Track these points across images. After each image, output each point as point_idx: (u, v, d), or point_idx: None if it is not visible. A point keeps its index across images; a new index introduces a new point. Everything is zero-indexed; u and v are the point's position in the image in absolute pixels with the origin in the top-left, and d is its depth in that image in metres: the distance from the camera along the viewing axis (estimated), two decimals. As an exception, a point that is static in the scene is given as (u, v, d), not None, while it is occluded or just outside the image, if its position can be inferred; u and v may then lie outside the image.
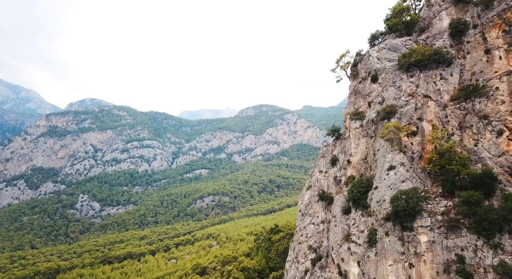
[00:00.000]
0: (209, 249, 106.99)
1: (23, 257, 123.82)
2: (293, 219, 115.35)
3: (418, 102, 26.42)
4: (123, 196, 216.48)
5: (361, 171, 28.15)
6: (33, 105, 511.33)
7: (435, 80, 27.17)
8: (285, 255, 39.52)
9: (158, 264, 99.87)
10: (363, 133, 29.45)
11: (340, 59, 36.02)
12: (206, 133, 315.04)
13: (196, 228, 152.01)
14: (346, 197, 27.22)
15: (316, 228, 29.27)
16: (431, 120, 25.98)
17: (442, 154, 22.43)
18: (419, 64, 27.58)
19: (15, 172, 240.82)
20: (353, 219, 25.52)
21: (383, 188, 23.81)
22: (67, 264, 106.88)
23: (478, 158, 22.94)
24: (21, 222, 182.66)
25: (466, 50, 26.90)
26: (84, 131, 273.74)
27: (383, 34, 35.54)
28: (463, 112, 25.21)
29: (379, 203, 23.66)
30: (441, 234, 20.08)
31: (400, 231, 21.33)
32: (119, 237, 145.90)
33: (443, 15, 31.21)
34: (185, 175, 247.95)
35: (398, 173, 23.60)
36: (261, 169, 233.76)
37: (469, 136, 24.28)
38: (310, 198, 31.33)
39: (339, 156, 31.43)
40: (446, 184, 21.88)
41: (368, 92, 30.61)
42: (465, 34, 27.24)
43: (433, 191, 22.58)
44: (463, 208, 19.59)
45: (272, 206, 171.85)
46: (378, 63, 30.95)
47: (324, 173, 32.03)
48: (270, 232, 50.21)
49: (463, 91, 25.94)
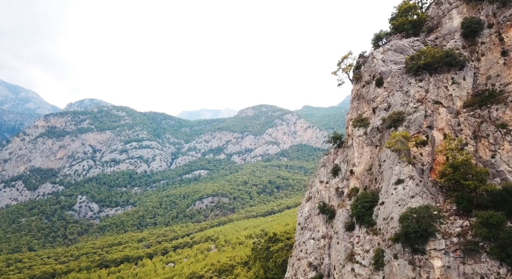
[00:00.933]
0: (207, 253, 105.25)
1: (20, 260, 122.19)
2: (292, 222, 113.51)
3: (428, 109, 24.26)
4: (122, 197, 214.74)
5: (365, 183, 26.02)
6: (33, 106, 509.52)
7: (446, 85, 24.99)
8: (283, 267, 37.55)
9: (155, 268, 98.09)
10: (367, 142, 27.31)
11: (341, 61, 33.79)
12: (206, 133, 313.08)
13: (195, 230, 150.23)
14: (349, 212, 25.13)
15: (316, 243, 27.23)
16: (443, 129, 23.82)
17: (456, 167, 20.28)
18: (429, 67, 25.40)
19: (13, 173, 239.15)
20: (357, 236, 23.44)
21: (391, 204, 21.69)
22: (63, 267, 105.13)
23: (496, 172, 20.78)
24: (19, 223, 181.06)
25: (481, 52, 24.71)
26: (83, 132, 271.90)
27: (388, 35, 33.30)
28: (478, 120, 23.04)
29: (386, 220, 21.55)
30: (457, 258, 17.97)
31: (410, 254, 19.24)
32: (117, 239, 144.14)
33: (453, 13, 28.99)
34: (184, 176, 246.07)
35: (407, 187, 21.47)
36: (260, 170, 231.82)
37: (485, 147, 22.11)
38: (310, 211, 29.28)
39: (341, 165, 29.32)
40: (461, 201, 19.74)
41: (372, 97, 28.45)
42: (479, 34, 25.04)
43: (447, 208, 20.45)
44: (483, 230, 17.47)
45: (272, 207, 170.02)
46: (383, 66, 28.78)
47: (325, 184, 29.94)
48: (268, 240, 48.34)
49: (478, 97, 23.76)
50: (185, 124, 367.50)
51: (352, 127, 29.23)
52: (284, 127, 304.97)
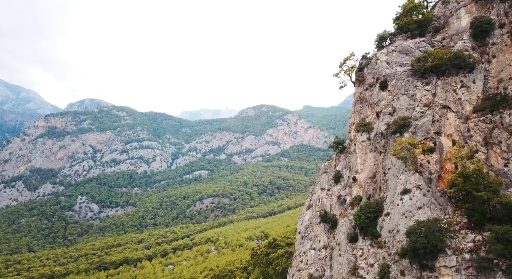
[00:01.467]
0: (207, 255, 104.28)
1: (19, 262, 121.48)
2: (293, 223, 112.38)
3: (436, 114, 22.97)
4: (122, 197, 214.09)
5: (368, 192, 24.77)
6: (33, 106, 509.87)
7: (455, 88, 23.69)
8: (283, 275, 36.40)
9: (154, 271, 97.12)
10: (371, 148, 26.04)
11: (343, 62, 32.45)
12: (206, 133, 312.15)
13: (195, 231, 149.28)
14: (352, 223, 23.89)
15: (317, 254, 26.02)
16: (451, 135, 22.53)
17: (467, 177, 19.00)
18: (436, 69, 24.09)
19: (13, 173, 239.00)
20: (361, 249, 22.21)
21: (396, 216, 20.44)
22: (62, 270, 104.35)
23: (510, 182, 19.50)
24: (18, 224, 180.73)
25: (491, 53, 23.39)
26: (83, 132, 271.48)
27: (392, 35, 31.95)
28: (489, 125, 21.73)
29: (392, 233, 20.31)
30: (470, 276, 16.74)
31: (418, 271, 18.00)
32: (116, 240, 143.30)
33: (461, 13, 27.64)
34: (184, 176, 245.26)
35: (413, 198, 20.21)
36: (261, 170, 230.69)
37: (497, 155, 20.82)
38: (311, 219, 28.06)
39: (343, 172, 28.06)
40: (473, 214, 18.47)
41: (376, 100, 27.16)
42: (490, 35, 23.71)
43: (457, 221, 19.18)
44: (498, 246, 16.21)
45: (272, 208, 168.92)
46: (388, 68, 27.47)
47: (327, 191, 28.69)
48: (268, 246, 47.30)
49: (489, 101, 22.45)
50: (186, 124, 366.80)
51: (355, 131, 27.95)
52: (285, 127, 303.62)
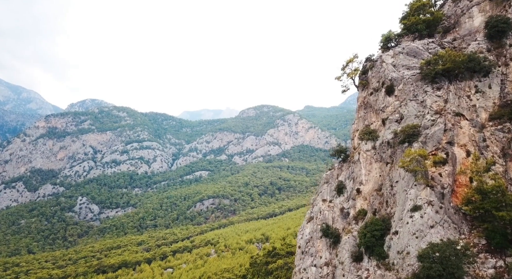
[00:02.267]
0: (206, 258, 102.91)
1: (17, 264, 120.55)
2: (294, 226, 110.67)
3: (448, 122, 21.08)
4: (122, 198, 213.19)
5: (374, 206, 22.94)
6: (34, 106, 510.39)
7: (468, 94, 21.77)
8: (283, 288, 34.83)
9: (153, 274, 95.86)
10: (376, 157, 24.18)
11: (346, 65, 30.56)
12: (207, 134, 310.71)
13: (195, 232, 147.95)
14: (356, 240, 22.10)
15: (318, 271, 24.30)
16: (465, 145, 20.64)
17: (486, 193, 17.14)
18: (448, 73, 22.18)
19: (13, 174, 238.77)
20: (366, 270, 20.42)
21: (406, 235, 18.62)
22: (60, 273, 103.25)
23: (532, 199, 17.59)
24: (18, 225, 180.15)
25: (509, 56, 21.44)
26: (84, 133, 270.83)
27: (399, 36, 30.00)
28: (507, 135, 19.82)
29: (401, 255, 18.50)
30: (490, 309, 14.93)
31: (431, 300, 16.20)
32: (116, 242, 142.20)
33: (474, 11, 25.67)
34: (185, 176, 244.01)
35: (425, 215, 18.38)
36: (262, 170, 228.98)
37: (516, 168, 18.94)
38: (312, 233, 26.31)
39: (346, 182, 26.25)
40: (493, 236, 16.61)
41: (381, 106, 25.28)
42: (507, 36, 21.76)
43: (474, 243, 17.34)
44: (522, 276, 14.41)
45: (273, 209, 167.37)
46: (394, 71, 25.58)
47: (329, 203, 26.90)
48: (267, 255, 45.83)
49: (507, 108, 20.52)
50: (186, 125, 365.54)
51: (359, 139, 26.09)
52: (286, 127, 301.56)
